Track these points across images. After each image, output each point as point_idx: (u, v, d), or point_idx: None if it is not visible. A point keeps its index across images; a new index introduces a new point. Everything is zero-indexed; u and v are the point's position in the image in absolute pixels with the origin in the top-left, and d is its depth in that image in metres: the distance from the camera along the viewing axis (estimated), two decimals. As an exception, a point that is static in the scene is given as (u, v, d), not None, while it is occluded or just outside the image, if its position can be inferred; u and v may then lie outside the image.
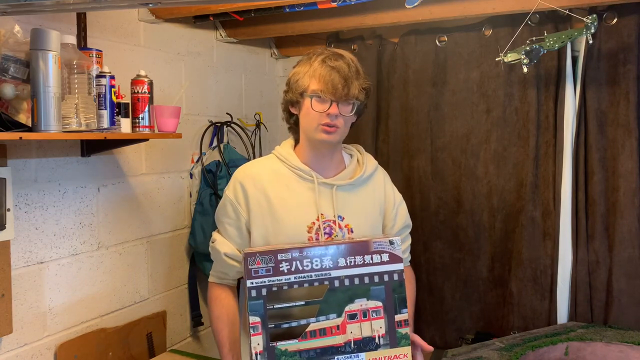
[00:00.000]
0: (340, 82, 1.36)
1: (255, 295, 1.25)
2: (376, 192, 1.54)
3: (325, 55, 1.42)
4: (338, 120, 1.40)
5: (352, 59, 1.43)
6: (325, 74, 1.38)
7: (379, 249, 1.32)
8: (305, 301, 1.27)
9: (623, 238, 2.01)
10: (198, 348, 2.36)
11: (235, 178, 1.50)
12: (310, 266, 1.28)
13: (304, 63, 1.45)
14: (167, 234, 2.20)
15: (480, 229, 2.32)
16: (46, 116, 1.37)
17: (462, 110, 2.33)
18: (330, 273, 1.29)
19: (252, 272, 1.26)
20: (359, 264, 1.30)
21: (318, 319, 1.26)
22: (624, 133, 2.01)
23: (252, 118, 2.72)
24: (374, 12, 2.15)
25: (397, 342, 1.28)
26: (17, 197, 1.62)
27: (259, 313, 1.24)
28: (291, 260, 1.28)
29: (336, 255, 1.30)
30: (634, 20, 1.97)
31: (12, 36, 1.38)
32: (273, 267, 1.27)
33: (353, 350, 1.26)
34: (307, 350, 1.24)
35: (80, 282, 1.83)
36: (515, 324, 2.19)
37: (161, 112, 1.85)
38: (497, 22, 2.19)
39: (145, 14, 2.04)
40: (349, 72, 1.38)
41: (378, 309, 1.29)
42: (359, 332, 1.27)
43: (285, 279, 1.26)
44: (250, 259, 1.26)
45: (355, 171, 1.52)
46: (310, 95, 1.40)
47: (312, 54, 1.45)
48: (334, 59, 1.39)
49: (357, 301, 1.28)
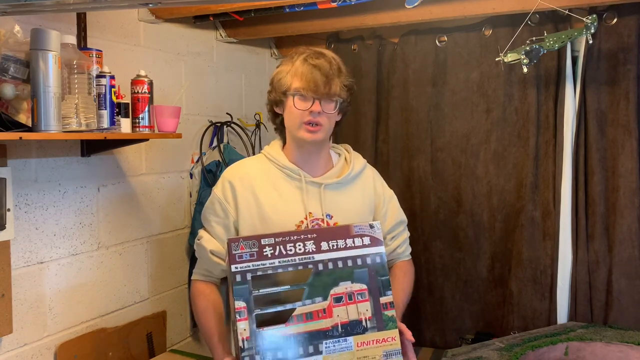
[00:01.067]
0: (322, 80, 1.38)
1: (240, 280, 1.24)
2: (365, 190, 1.55)
3: (306, 54, 1.43)
4: (321, 117, 1.41)
5: (333, 57, 1.44)
6: (307, 71, 1.39)
7: (360, 233, 1.33)
8: (291, 285, 1.27)
9: (623, 238, 2.01)
10: (198, 348, 2.36)
11: (224, 177, 1.51)
12: (293, 250, 1.28)
13: (286, 62, 1.46)
14: (167, 234, 2.20)
15: (480, 229, 2.32)
16: (46, 116, 1.37)
17: (462, 110, 2.33)
18: (313, 257, 1.29)
19: (236, 257, 1.26)
20: (341, 247, 1.31)
21: (304, 302, 1.26)
22: (624, 133, 2.01)
23: (252, 118, 2.72)
24: (374, 12, 2.15)
25: (384, 325, 1.28)
26: (17, 197, 1.62)
27: (244, 298, 1.23)
28: (274, 244, 1.28)
29: (319, 239, 1.30)
30: (634, 20, 1.97)
31: (12, 36, 1.38)
32: (257, 251, 1.27)
33: (341, 334, 1.25)
34: (295, 335, 1.24)
35: (80, 282, 1.83)
36: (515, 324, 2.19)
37: (161, 112, 1.85)
38: (497, 22, 2.19)
39: (145, 14, 2.04)
40: (331, 69, 1.39)
41: (363, 291, 1.29)
42: (346, 316, 1.27)
43: (270, 263, 1.26)
44: (233, 244, 1.27)
45: (342, 170, 1.54)
46: (292, 94, 1.41)
47: (293, 53, 1.46)
48: (315, 57, 1.41)
49: (341, 284, 1.28)
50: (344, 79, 1.43)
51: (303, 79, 1.39)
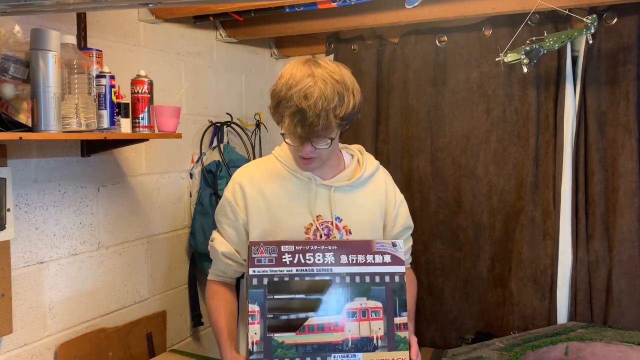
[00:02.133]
0: (305, 129, 1.26)
1: (257, 284, 1.24)
2: (377, 193, 1.53)
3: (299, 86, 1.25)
4: (313, 153, 1.34)
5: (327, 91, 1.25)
6: (290, 121, 1.27)
7: (381, 250, 1.32)
8: (306, 295, 1.26)
9: (623, 238, 2.01)
10: (198, 348, 2.36)
11: (234, 179, 1.50)
12: (312, 260, 1.28)
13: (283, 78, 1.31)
14: (167, 234, 2.20)
15: (480, 229, 2.32)
16: (46, 116, 1.37)
17: (462, 110, 2.33)
18: (332, 269, 1.28)
19: (255, 260, 1.25)
20: (360, 262, 1.30)
21: (317, 313, 1.25)
22: (624, 133, 2.01)
23: (252, 118, 2.72)
24: (374, 12, 2.15)
25: (396, 345, 1.27)
26: (17, 197, 1.62)
27: (259, 302, 1.23)
28: (294, 252, 1.28)
29: (339, 252, 1.29)
30: (634, 20, 1.97)
31: (12, 36, 1.38)
32: (276, 257, 1.26)
33: (350, 349, 1.25)
34: (304, 345, 1.23)
35: (80, 282, 1.83)
36: (515, 324, 2.19)
37: (161, 112, 1.85)
38: (497, 22, 2.19)
39: (145, 14, 2.04)
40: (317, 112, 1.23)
41: (378, 309, 1.28)
42: (357, 332, 1.26)
43: (287, 270, 1.26)
44: (254, 247, 1.27)
45: (354, 172, 1.51)
46: (282, 132, 1.33)
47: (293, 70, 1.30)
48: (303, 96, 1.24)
49: (357, 299, 1.27)
50: (339, 111, 1.27)
51: (288, 129, 1.28)
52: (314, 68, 1.28)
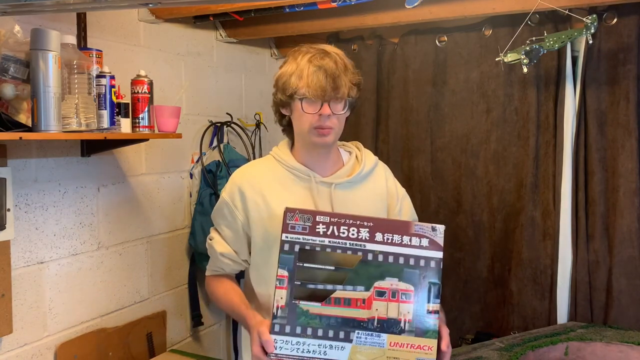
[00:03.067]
0: (329, 82, 1.33)
1: (288, 249, 1.22)
2: (377, 188, 1.53)
3: (310, 54, 1.38)
4: (331, 120, 1.38)
5: (338, 55, 1.39)
6: (312, 74, 1.34)
7: (419, 232, 1.26)
8: (336, 267, 1.23)
9: (623, 238, 2.01)
10: (198, 348, 2.36)
11: (232, 180, 1.50)
12: (346, 234, 1.24)
13: (289, 62, 1.41)
14: (167, 234, 2.20)
15: (480, 229, 2.32)
16: (46, 116, 1.37)
17: (462, 110, 2.33)
18: (365, 245, 1.24)
19: (288, 226, 1.23)
20: (396, 242, 1.25)
21: (345, 287, 1.22)
22: (624, 133, 2.01)
23: (252, 118, 2.72)
24: (374, 12, 2.15)
25: (424, 332, 1.22)
26: (17, 197, 1.62)
27: (288, 267, 1.21)
28: (329, 224, 1.24)
29: (374, 229, 1.25)
30: (634, 20, 1.97)
31: (12, 36, 1.38)
32: (310, 226, 1.24)
33: (375, 329, 1.21)
34: (328, 317, 1.20)
35: (80, 282, 1.83)
36: (515, 324, 2.19)
37: (161, 112, 1.85)
38: (497, 22, 2.19)
39: (145, 14, 2.04)
40: (337, 69, 1.35)
41: (409, 292, 1.23)
42: (385, 312, 1.22)
43: (320, 240, 1.23)
44: (289, 214, 1.24)
45: (353, 168, 1.51)
46: (300, 98, 1.37)
47: (297, 52, 1.41)
48: (319, 57, 1.36)
49: (388, 279, 1.23)
50: (351, 77, 1.39)
51: (309, 83, 1.34)
52: (319, 45, 1.42)
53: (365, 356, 1.20)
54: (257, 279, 1.48)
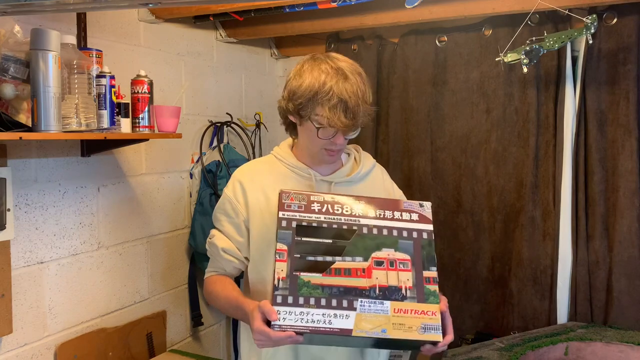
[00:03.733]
0: (349, 117, 1.33)
1: (285, 226, 1.25)
2: (375, 188, 1.55)
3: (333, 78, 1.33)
4: (341, 143, 1.40)
5: (357, 82, 1.35)
6: (333, 108, 1.32)
7: (409, 208, 1.32)
8: (333, 240, 1.25)
9: (623, 238, 2.01)
10: (198, 348, 2.36)
11: (234, 177, 1.51)
12: (340, 211, 1.29)
13: (307, 76, 1.36)
14: (167, 234, 2.20)
15: (480, 229, 2.32)
16: (46, 116, 1.37)
17: (462, 110, 2.33)
18: (359, 220, 1.28)
19: (285, 205, 1.27)
20: (388, 217, 1.30)
21: (344, 258, 1.24)
22: (624, 133, 2.01)
23: (252, 118, 2.72)
24: (374, 12, 2.15)
25: (425, 298, 1.25)
26: (17, 197, 1.62)
27: (287, 241, 1.23)
28: (323, 202, 1.29)
29: (367, 206, 1.30)
30: (634, 20, 1.97)
31: (12, 36, 1.38)
32: (305, 205, 1.28)
33: (378, 296, 1.22)
34: (330, 287, 1.22)
35: (80, 282, 1.83)
36: (515, 324, 2.19)
37: (161, 112, 1.85)
38: (497, 22, 2.19)
39: (145, 14, 2.04)
40: (356, 100, 1.33)
41: (406, 261, 1.26)
42: (385, 280, 1.24)
43: (316, 217, 1.27)
44: (284, 194, 1.28)
45: (352, 169, 1.54)
46: (316, 125, 1.36)
47: (314, 67, 1.37)
48: (342, 83, 1.32)
49: (384, 250, 1.26)
50: (367, 108, 1.36)
51: (330, 118, 1.32)
52: (337, 62, 1.37)
53: (371, 323, 1.21)
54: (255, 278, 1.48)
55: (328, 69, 1.35)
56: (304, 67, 1.39)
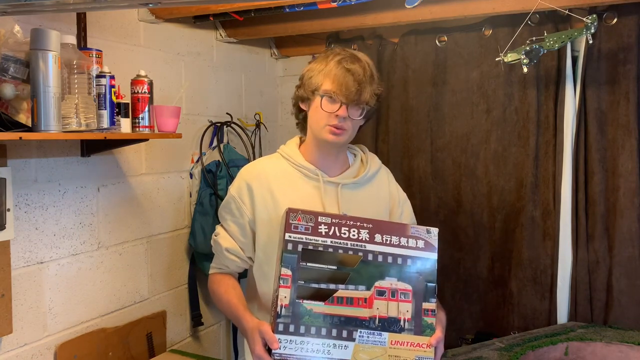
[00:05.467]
0: (354, 86, 1.36)
1: (291, 249, 1.24)
2: (381, 191, 1.55)
3: (342, 56, 1.41)
4: (346, 122, 1.41)
5: (368, 63, 1.43)
6: (340, 75, 1.38)
7: (415, 235, 1.33)
8: (338, 266, 1.26)
9: (623, 238, 2.01)
10: (198, 348, 2.36)
11: (240, 176, 1.51)
12: (347, 234, 1.28)
13: (320, 61, 1.45)
14: (167, 234, 2.20)
15: (480, 229, 2.32)
16: (46, 116, 1.37)
17: (462, 110, 2.33)
18: (365, 246, 1.28)
19: (291, 226, 1.26)
20: (394, 243, 1.30)
21: (347, 287, 1.25)
22: (624, 133, 2.01)
23: (252, 118, 2.72)
24: (374, 12, 2.15)
25: (422, 330, 1.27)
26: (17, 197, 1.62)
27: (291, 266, 1.23)
28: (330, 224, 1.28)
29: (374, 230, 1.30)
30: (634, 20, 1.97)
31: (12, 36, 1.38)
32: (312, 226, 1.27)
33: (377, 327, 1.24)
34: (332, 316, 1.23)
35: (80, 282, 1.83)
36: (515, 324, 2.19)
37: (161, 112, 1.85)
38: (497, 22, 2.19)
39: (145, 14, 2.04)
40: (364, 76, 1.38)
41: (407, 291, 1.28)
42: (385, 311, 1.25)
43: (322, 240, 1.26)
44: (292, 214, 1.27)
45: (359, 170, 1.54)
46: (321, 94, 1.40)
47: (329, 52, 1.45)
48: (350, 61, 1.39)
49: (387, 279, 1.27)
50: (375, 87, 1.42)
51: (335, 82, 1.38)
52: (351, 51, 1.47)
53: (368, 355, 1.22)
54: (260, 277, 1.48)
55: (340, 51, 1.44)
56: (319, 56, 1.47)
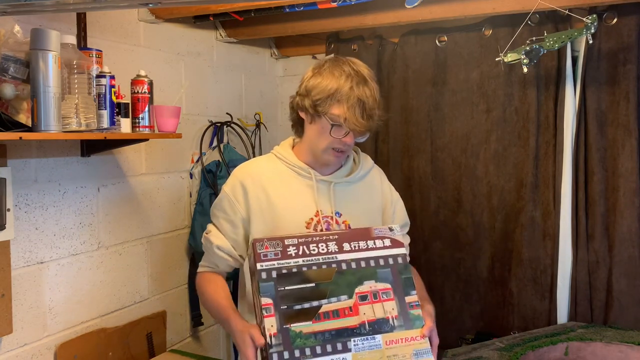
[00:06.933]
0: (365, 117, 1.36)
1: (266, 277, 1.25)
2: (373, 189, 1.56)
3: (352, 78, 1.37)
4: (349, 144, 1.42)
5: (375, 88, 1.41)
6: (352, 105, 1.35)
7: (380, 235, 1.35)
8: (315, 283, 1.27)
9: (623, 238, 2.01)
10: (198, 348, 2.36)
11: (234, 176, 1.51)
12: (316, 250, 1.30)
13: (327, 76, 1.39)
14: (167, 234, 2.20)
15: (480, 229, 2.32)
16: (46, 116, 1.37)
17: (462, 110, 2.33)
18: (336, 257, 1.30)
19: (261, 255, 1.27)
20: (362, 248, 1.32)
21: (329, 300, 1.26)
22: (624, 133, 2.01)
23: (252, 118, 2.72)
24: (374, 12, 2.15)
25: (412, 324, 1.28)
26: (17, 197, 1.62)
27: (271, 294, 1.23)
28: (298, 245, 1.29)
29: (341, 240, 1.32)
30: (634, 20, 1.97)
31: (12, 36, 1.38)
32: (281, 250, 1.28)
33: (368, 332, 1.25)
34: (322, 332, 1.23)
35: (80, 282, 1.83)
36: (515, 324, 2.19)
37: (161, 112, 1.85)
38: (497, 22, 2.19)
39: (145, 14, 2.04)
40: (374, 104, 1.38)
41: (387, 290, 1.29)
42: (372, 314, 1.26)
43: (294, 262, 1.27)
44: (258, 244, 1.28)
45: (351, 169, 1.55)
46: (330, 122, 1.38)
47: (335, 66, 1.40)
48: (362, 85, 1.37)
49: (366, 283, 1.28)
50: (381, 114, 1.41)
51: (347, 111, 1.35)
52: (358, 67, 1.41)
53: None
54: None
55: (350, 71, 1.38)
56: (325, 66, 1.42)
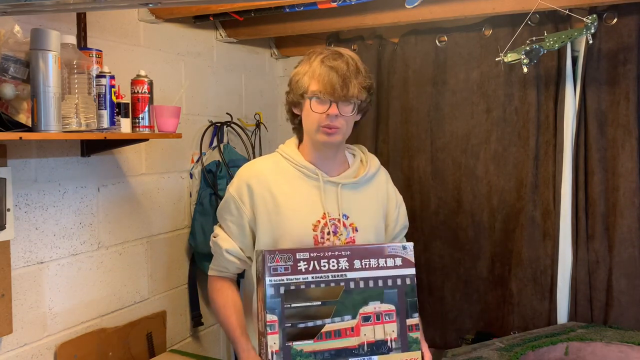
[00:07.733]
0: (339, 82, 1.36)
1: (274, 293, 1.26)
2: (379, 192, 1.56)
3: (324, 54, 1.41)
4: (338, 120, 1.40)
5: (351, 57, 1.42)
6: (324, 74, 1.37)
7: (392, 253, 1.35)
8: (322, 301, 1.29)
9: (623, 238, 2.01)
10: (198, 348, 2.36)
11: (240, 176, 1.50)
12: (327, 266, 1.30)
13: (304, 63, 1.45)
14: (167, 234, 2.20)
15: (480, 229, 2.32)
16: (46, 116, 1.37)
17: (462, 110, 2.33)
18: (346, 274, 1.31)
19: (271, 269, 1.27)
20: (373, 266, 1.33)
21: (333, 320, 1.28)
22: (624, 133, 2.01)
23: (252, 118, 2.72)
24: (374, 12, 2.15)
25: (409, 346, 1.31)
26: (17, 197, 1.62)
27: (277, 312, 1.25)
28: (309, 259, 1.30)
29: (352, 258, 1.32)
30: (634, 20, 1.97)
31: (12, 36, 1.38)
32: (291, 265, 1.29)
33: (366, 353, 1.28)
34: (322, 352, 1.26)
35: (80, 282, 1.83)
36: (515, 324, 2.19)
37: (161, 112, 1.85)
38: (497, 22, 2.19)
39: (145, 14, 2.04)
40: (348, 71, 1.37)
41: (391, 312, 1.31)
42: (372, 335, 1.29)
43: (303, 278, 1.28)
44: (269, 256, 1.28)
45: (359, 170, 1.54)
46: (309, 97, 1.40)
47: (312, 53, 1.45)
48: (332, 59, 1.39)
49: (371, 304, 1.30)
50: (362, 80, 1.41)
51: (320, 82, 1.38)
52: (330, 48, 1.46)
53: None
54: None
55: (322, 50, 1.44)
56: (303, 58, 1.47)
